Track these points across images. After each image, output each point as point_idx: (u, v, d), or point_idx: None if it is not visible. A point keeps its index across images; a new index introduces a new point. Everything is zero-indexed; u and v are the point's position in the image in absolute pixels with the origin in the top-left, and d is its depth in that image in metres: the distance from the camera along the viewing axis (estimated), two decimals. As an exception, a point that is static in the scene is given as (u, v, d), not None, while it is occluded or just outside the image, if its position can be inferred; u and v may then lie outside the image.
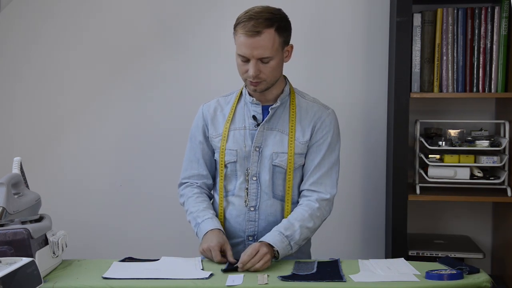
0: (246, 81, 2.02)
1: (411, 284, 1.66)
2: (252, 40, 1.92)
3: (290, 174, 2.05)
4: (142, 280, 1.71)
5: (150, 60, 2.90)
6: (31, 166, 2.38)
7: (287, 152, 2.04)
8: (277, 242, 1.90)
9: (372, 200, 2.86)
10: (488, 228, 2.81)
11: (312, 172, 2.05)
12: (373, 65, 2.80)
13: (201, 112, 2.16)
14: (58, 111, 2.95)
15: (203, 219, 2.03)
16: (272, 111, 2.05)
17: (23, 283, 1.49)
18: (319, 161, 2.05)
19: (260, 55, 1.94)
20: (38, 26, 2.92)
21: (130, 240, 2.94)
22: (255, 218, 2.06)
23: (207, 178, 2.16)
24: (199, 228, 2.02)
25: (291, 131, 2.05)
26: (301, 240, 1.97)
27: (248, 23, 1.93)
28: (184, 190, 2.16)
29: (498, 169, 2.57)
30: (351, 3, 2.79)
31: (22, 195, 1.89)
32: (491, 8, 2.50)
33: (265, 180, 2.05)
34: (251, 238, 2.06)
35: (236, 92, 2.15)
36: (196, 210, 2.07)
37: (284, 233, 1.93)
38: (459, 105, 2.75)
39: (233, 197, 2.09)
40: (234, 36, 1.99)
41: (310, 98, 2.13)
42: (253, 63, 1.95)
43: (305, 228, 1.97)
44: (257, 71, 1.96)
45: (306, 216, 1.98)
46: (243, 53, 1.95)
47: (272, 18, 1.95)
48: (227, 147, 2.07)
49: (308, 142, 2.06)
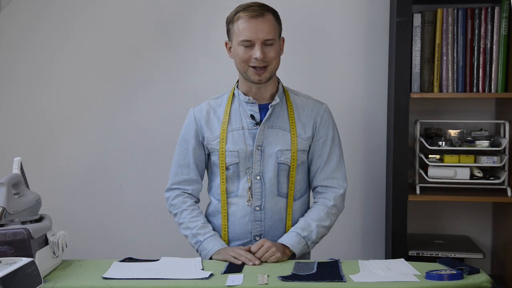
0: (248, 71, 2.02)
1: (411, 284, 1.66)
2: (256, 22, 1.96)
3: (293, 170, 2.07)
4: (142, 280, 1.71)
5: (150, 59, 2.89)
6: (31, 166, 2.38)
7: (291, 149, 2.05)
8: (294, 244, 1.97)
9: (372, 200, 2.86)
10: (488, 228, 2.81)
11: (323, 168, 2.09)
12: (373, 65, 2.80)
13: (193, 116, 2.14)
14: (58, 111, 2.95)
15: (205, 237, 2.04)
16: (271, 109, 2.06)
17: (23, 283, 1.49)
18: (327, 156, 2.09)
19: (265, 37, 1.97)
20: (38, 27, 2.92)
21: (130, 240, 2.94)
22: (261, 217, 2.06)
23: (198, 183, 2.16)
24: (202, 246, 2.03)
25: (292, 127, 2.06)
26: (318, 239, 2.04)
27: (248, 8, 1.98)
28: (175, 200, 2.14)
29: (498, 169, 2.57)
30: (351, 3, 2.79)
31: (22, 195, 1.89)
32: (491, 8, 2.50)
33: (270, 179, 2.05)
34: (258, 238, 2.07)
35: (227, 93, 2.15)
36: (195, 226, 2.07)
37: (301, 234, 2.00)
38: (459, 105, 2.75)
39: (236, 198, 2.09)
40: (230, 29, 2.02)
41: (303, 95, 2.16)
42: (258, 46, 1.97)
43: (322, 227, 2.04)
44: (263, 53, 1.98)
45: (322, 215, 2.05)
46: (248, 37, 1.97)
47: (267, 5, 2.03)
48: (227, 148, 2.07)
49: (311, 138, 2.08)
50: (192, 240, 2.07)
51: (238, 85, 2.13)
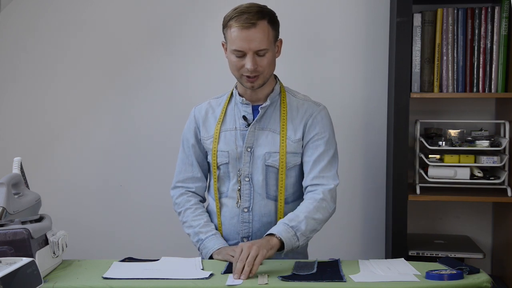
0: (241, 78, 1.99)
1: (411, 284, 1.66)
2: (248, 33, 1.92)
3: (282, 173, 2.03)
4: (142, 280, 1.71)
5: (150, 60, 2.90)
6: (31, 166, 2.38)
7: (279, 151, 2.03)
8: (281, 232, 1.86)
9: (372, 200, 2.86)
10: (488, 228, 2.81)
11: (311, 168, 2.03)
12: (373, 65, 2.80)
13: (193, 115, 2.15)
14: (58, 112, 2.95)
15: (206, 236, 2.03)
16: (262, 111, 2.04)
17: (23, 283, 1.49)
18: (317, 157, 2.02)
19: (256, 47, 1.93)
20: (38, 27, 2.92)
21: (130, 240, 2.94)
22: (249, 219, 2.05)
23: (202, 181, 2.15)
24: (203, 244, 2.02)
25: (282, 130, 2.04)
26: (308, 232, 1.92)
27: (241, 16, 1.93)
28: (179, 199, 2.13)
29: (498, 169, 2.57)
30: (351, 3, 2.79)
31: (22, 195, 1.89)
32: (491, 8, 2.50)
33: (258, 181, 2.04)
34: (245, 239, 2.06)
35: (228, 93, 2.14)
36: (198, 225, 2.06)
37: (289, 224, 1.89)
38: (459, 105, 2.75)
39: (226, 198, 2.08)
40: (225, 33, 1.99)
41: (301, 96, 2.12)
42: (250, 56, 1.93)
43: (311, 219, 1.93)
44: (255, 64, 1.94)
45: (311, 208, 1.95)
46: (239, 47, 1.93)
47: (262, 11, 1.96)
48: (218, 148, 2.06)
49: (301, 141, 2.05)
50: (194, 239, 2.06)
51: (236, 85, 2.13)
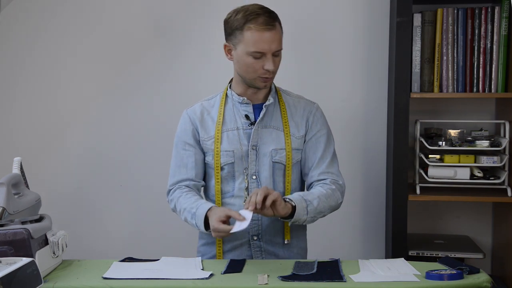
0: (256, 79, 2.01)
1: (411, 284, 1.66)
2: (269, 34, 1.95)
3: (289, 169, 2.06)
4: (142, 280, 1.71)
5: (150, 60, 2.90)
6: (31, 166, 2.38)
7: (285, 148, 2.05)
8: (296, 200, 1.91)
9: (372, 200, 2.86)
10: (488, 228, 2.81)
11: (317, 164, 2.07)
12: (373, 65, 2.80)
13: (187, 117, 2.12)
14: (58, 111, 2.95)
15: (197, 207, 1.96)
16: (265, 109, 2.06)
17: (23, 283, 1.49)
18: (321, 154, 2.08)
19: (276, 48, 1.97)
20: (38, 26, 2.92)
21: (130, 240, 2.94)
22: (258, 216, 2.05)
23: (197, 181, 2.11)
24: (196, 216, 1.95)
25: (286, 127, 2.07)
26: (318, 211, 1.96)
27: (259, 18, 1.95)
28: (172, 195, 2.09)
29: (498, 169, 2.57)
30: (351, 3, 2.79)
31: (22, 195, 1.89)
32: (491, 8, 2.50)
33: (266, 178, 2.05)
34: (255, 237, 2.07)
35: (219, 94, 2.14)
36: (188, 204, 2.00)
37: (304, 197, 1.94)
38: (459, 105, 2.75)
39: (232, 198, 2.08)
40: (238, 35, 1.97)
41: (295, 95, 2.17)
42: (270, 58, 1.97)
43: (323, 200, 1.97)
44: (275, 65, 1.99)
45: (324, 192, 2.00)
46: (260, 49, 1.95)
47: (273, 12, 2.01)
48: (222, 148, 2.06)
49: (304, 137, 2.09)
50: (188, 218, 1.99)
51: (230, 86, 2.13)
